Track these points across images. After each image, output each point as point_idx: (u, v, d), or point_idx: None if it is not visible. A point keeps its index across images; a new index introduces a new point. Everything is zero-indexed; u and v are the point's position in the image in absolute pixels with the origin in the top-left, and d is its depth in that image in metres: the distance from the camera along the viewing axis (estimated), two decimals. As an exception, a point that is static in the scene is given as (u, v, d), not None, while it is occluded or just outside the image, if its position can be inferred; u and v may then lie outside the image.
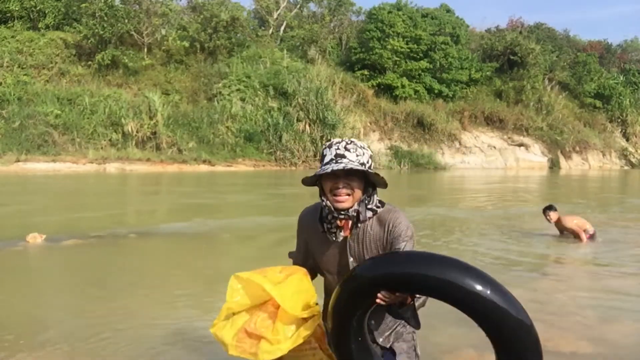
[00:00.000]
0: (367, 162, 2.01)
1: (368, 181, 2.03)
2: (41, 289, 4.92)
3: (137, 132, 23.23)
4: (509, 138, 32.77)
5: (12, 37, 25.26)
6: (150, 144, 23.47)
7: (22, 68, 24.46)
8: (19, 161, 20.01)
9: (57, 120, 22.21)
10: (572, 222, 7.33)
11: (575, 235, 7.21)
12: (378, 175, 2.00)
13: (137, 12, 26.40)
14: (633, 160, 37.55)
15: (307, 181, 2.07)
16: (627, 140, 38.63)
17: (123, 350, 3.42)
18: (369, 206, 2.03)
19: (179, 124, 24.21)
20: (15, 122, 21.53)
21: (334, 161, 1.98)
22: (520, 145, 32.93)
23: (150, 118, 23.58)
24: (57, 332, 3.70)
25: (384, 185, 2.03)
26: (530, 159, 32.81)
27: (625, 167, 36.65)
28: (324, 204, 2.03)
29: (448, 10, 35.55)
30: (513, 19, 41.21)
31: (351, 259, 2.05)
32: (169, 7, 27.51)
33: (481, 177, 23.78)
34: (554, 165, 33.07)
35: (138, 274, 5.61)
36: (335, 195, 1.99)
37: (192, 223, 8.63)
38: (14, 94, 22.79)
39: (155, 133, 23.52)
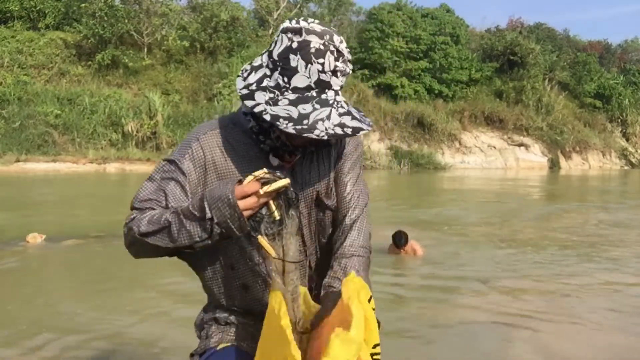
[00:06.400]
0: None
1: None
2: (41, 289, 4.92)
3: (137, 132, 23.22)
4: (509, 138, 32.77)
5: (12, 37, 25.24)
6: (150, 144, 23.47)
7: (22, 68, 24.45)
8: (19, 161, 20.01)
9: (57, 120, 22.21)
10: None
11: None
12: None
13: (137, 12, 26.39)
14: (633, 160, 37.55)
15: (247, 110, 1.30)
16: (627, 140, 38.62)
17: (123, 351, 3.43)
18: None
19: (179, 124, 24.20)
20: (15, 122, 21.54)
21: (317, 98, 1.22)
22: (520, 145, 32.93)
23: (150, 118, 23.57)
24: (56, 332, 3.70)
25: None
26: (530, 159, 32.80)
27: (625, 167, 36.65)
28: (267, 127, 1.30)
29: (448, 10, 35.54)
30: (513, 19, 41.30)
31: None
32: (169, 7, 27.49)
33: (489, 178, 23.76)
34: (554, 165, 33.06)
35: (138, 274, 5.61)
36: (295, 146, 1.33)
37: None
38: (14, 94, 22.78)
39: (155, 133, 23.52)
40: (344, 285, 1.16)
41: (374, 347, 1.17)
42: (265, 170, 1.19)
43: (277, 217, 1.18)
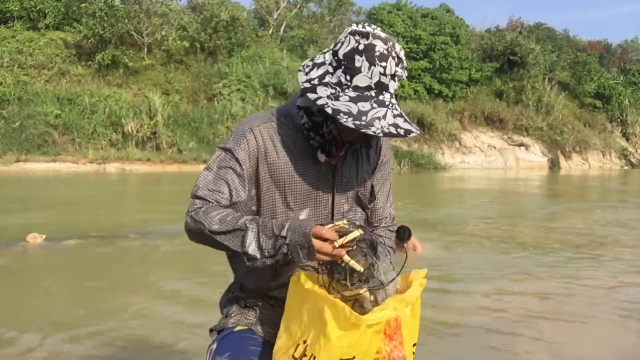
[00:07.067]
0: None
1: None
2: (41, 289, 4.91)
3: (137, 132, 23.21)
4: (509, 138, 32.77)
5: (12, 37, 25.21)
6: (150, 144, 23.45)
7: (22, 68, 24.43)
8: (19, 161, 19.99)
9: (57, 120, 22.19)
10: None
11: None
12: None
13: (137, 12, 26.38)
14: (633, 160, 37.55)
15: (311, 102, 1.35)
16: (627, 140, 38.62)
17: (123, 351, 3.42)
18: None
19: (179, 124, 24.20)
20: (15, 122, 21.52)
21: (375, 98, 1.30)
22: (520, 145, 32.92)
23: (150, 118, 23.55)
24: (56, 332, 3.69)
25: None
26: (530, 159, 32.80)
27: (625, 167, 36.66)
28: (319, 124, 1.38)
29: (448, 10, 35.55)
30: (513, 19, 41.29)
31: (337, 194, 1.47)
32: (169, 7, 27.48)
33: (489, 178, 23.75)
34: (554, 165, 33.06)
35: (138, 274, 5.60)
36: (344, 142, 1.42)
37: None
38: (14, 94, 22.76)
39: (155, 133, 23.50)
40: (413, 272, 1.37)
41: (414, 345, 1.35)
42: (344, 222, 1.26)
43: (360, 269, 1.24)
